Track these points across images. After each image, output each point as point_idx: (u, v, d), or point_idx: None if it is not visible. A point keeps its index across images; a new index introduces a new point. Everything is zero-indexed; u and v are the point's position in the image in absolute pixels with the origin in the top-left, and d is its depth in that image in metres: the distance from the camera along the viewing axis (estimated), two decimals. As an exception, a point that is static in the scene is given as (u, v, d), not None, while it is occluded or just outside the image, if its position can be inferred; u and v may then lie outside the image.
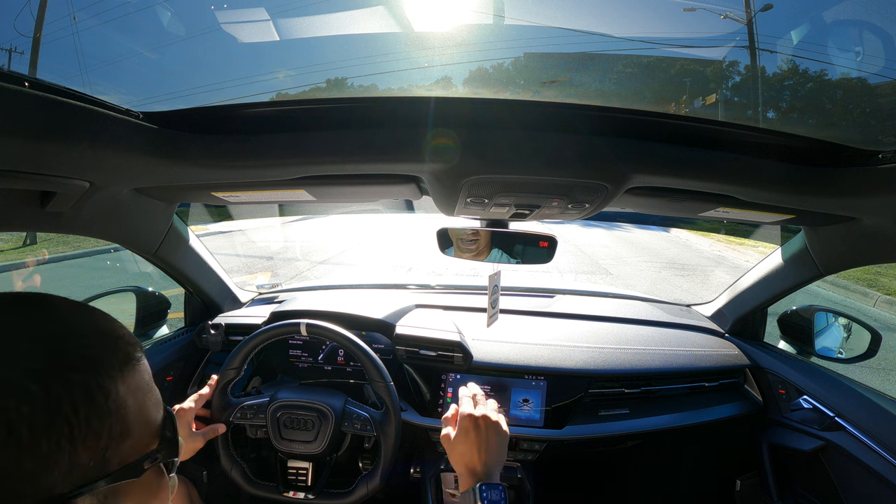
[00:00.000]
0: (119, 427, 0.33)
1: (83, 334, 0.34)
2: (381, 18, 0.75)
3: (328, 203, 1.03)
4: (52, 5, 0.76)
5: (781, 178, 0.69)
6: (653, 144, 0.65)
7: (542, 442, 1.15)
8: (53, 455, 0.29)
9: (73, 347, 0.33)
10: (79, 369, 0.32)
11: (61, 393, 0.30)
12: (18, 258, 6.91)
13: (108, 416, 0.33)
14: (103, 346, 0.34)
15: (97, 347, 0.34)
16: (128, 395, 0.34)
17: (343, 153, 0.65)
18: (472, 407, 0.77)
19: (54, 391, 0.30)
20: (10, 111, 0.43)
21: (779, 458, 1.26)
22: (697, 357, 1.27)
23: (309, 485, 1.00)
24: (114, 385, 0.33)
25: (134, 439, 0.35)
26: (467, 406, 0.77)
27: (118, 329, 0.37)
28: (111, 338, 0.36)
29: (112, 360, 0.34)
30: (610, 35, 0.87)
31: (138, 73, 0.81)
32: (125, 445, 0.34)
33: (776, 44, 0.94)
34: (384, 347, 1.26)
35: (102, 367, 0.33)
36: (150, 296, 1.35)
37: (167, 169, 0.67)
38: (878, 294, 5.73)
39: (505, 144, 0.64)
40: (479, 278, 1.80)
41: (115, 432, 0.33)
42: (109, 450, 0.33)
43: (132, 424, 0.35)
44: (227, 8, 0.70)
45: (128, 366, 0.35)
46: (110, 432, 0.33)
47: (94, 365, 0.33)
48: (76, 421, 0.30)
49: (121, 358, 0.35)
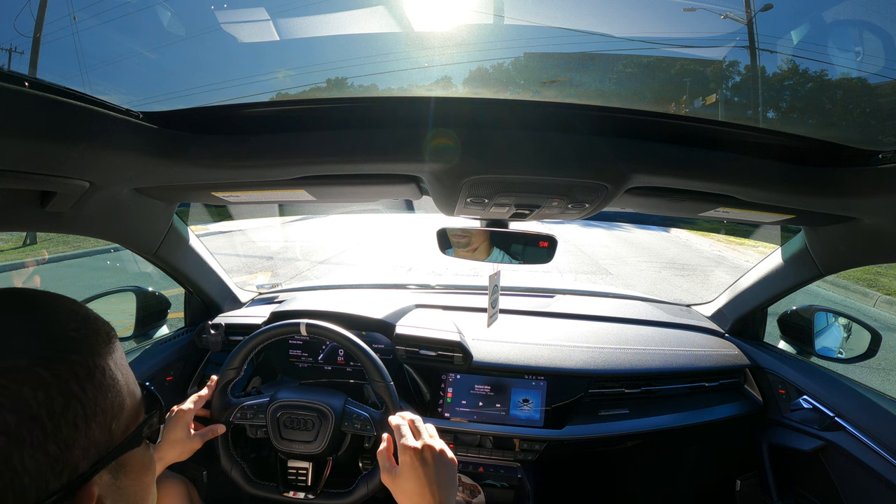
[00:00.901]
0: (118, 401, 0.35)
1: (68, 319, 0.35)
2: (381, 18, 0.75)
3: (328, 203, 1.03)
4: (52, 5, 0.76)
5: (781, 178, 0.69)
6: (653, 144, 0.65)
7: (542, 442, 1.15)
8: (73, 435, 0.31)
9: (65, 332, 0.34)
10: (76, 350, 0.33)
11: (68, 375, 0.31)
12: (18, 258, 6.91)
13: (109, 391, 0.34)
14: (88, 328, 0.36)
15: (84, 329, 0.35)
16: (116, 370, 0.36)
17: (343, 153, 0.65)
18: (411, 437, 0.69)
19: (62, 374, 0.31)
20: (10, 111, 0.43)
21: (779, 458, 1.26)
22: (697, 357, 1.27)
23: (309, 485, 1.00)
24: (105, 362, 0.35)
25: (128, 411, 0.37)
26: (407, 438, 0.69)
27: (91, 312, 0.39)
28: (90, 320, 0.37)
29: (98, 339, 0.36)
30: (610, 35, 0.87)
31: (138, 73, 0.81)
32: (123, 417, 0.36)
33: (776, 44, 0.94)
34: (384, 347, 1.26)
35: (92, 346, 0.35)
36: (150, 296, 1.35)
37: (167, 169, 0.67)
38: (878, 294, 5.73)
39: (505, 144, 0.64)
40: (479, 278, 1.80)
41: (116, 406, 0.35)
42: (114, 423, 0.35)
43: (125, 397, 0.36)
44: (227, 8, 0.70)
45: (110, 344, 0.37)
46: (112, 406, 0.34)
47: (86, 346, 0.34)
48: (86, 399, 0.32)
49: (103, 337, 0.36)
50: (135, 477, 0.37)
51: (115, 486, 0.34)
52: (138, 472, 0.37)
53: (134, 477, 0.37)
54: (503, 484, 1.20)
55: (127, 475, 0.36)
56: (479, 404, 1.17)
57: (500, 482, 1.19)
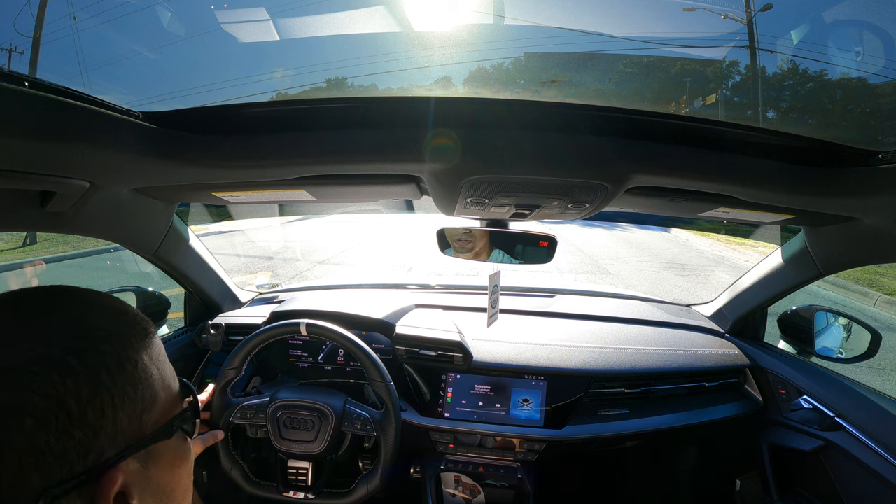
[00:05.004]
0: (150, 394, 0.37)
1: (104, 313, 0.37)
2: (381, 18, 0.74)
3: (328, 203, 1.03)
4: (52, 5, 0.75)
5: (781, 178, 0.69)
6: (653, 144, 0.65)
7: (542, 442, 1.15)
8: (99, 422, 0.32)
9: (99, 325, 0.36)
10: (108, 341, 0.35)
11: (98, 365, 0.33)
12: (18, 258, 6.91)
13: (140, 384, 0.36)
14: (123, 323, 0.37)
15: (118, 323, 0.37)
16: (151, 364, 0.38)
17: (343, 153, 0.65)
18: None
19: (92, 364, 0.33)
20: (10, 111, 0.43)
21: (779, 458, 1.26)
22: (697, 357, 1.27)
23: (309, 485, 1.00)
24: (139, 355, 0.37)
25: (161, 404, 0.38)
26: None
27: (131, 308, 0.40)
28: (128, 315, 0.39)
29: (133, 333, 0.37)
30: (610, 35, 0.87)
31: (138, 73, 0.81)
32: (156, 410, 0.37)
33: (776, 44, 0.94)
34: (384, 347, 1.26)
35: (126, 340, 0.36)
36: (150, 296, 1.35)
37: (167, 169, 0.67)
38: (878, 294, 5.72)
39: (505, 144, 0.64)
40: (479, 278, 1.80)
41: (147, 398, 0.36)
42: (145, 414, 0.36)
43: (158, 391, 0.38)
44: (227, 8, 0.70)
45: (146, 339, 0.38)
46: (143, 398, 0.36)
47: (119, 338, 0.36)
48: (115, 389, 0.33)
49: (139, 332, 0.38)
50: (166, 468, 0.38)
51: (144, 475, 0.36)
52: (170, 463, 0.39)
53: (165, 467, 0.38)
54: (503, 484, 1.20)
55: (157, 465, 0.37)
56: (479, 404, 1.17)
57: (500, 482, 1.19)
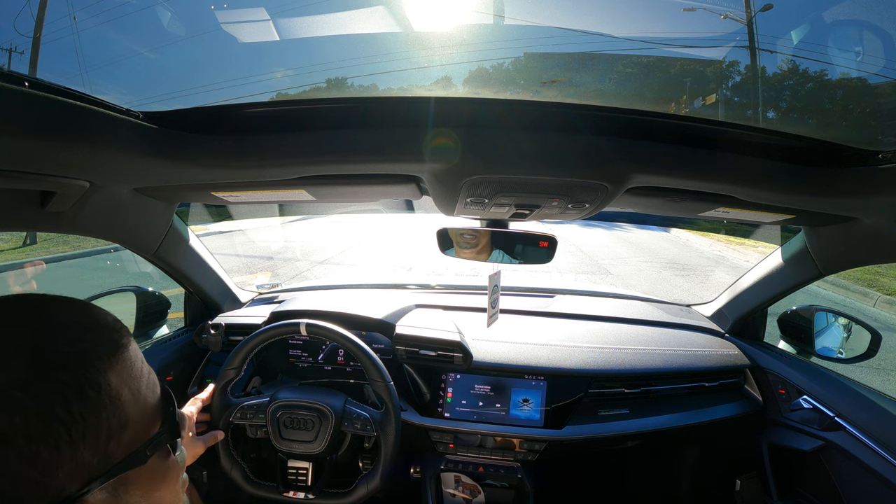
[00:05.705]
0: (117, 418, 0.33)
1: (66, 331, 0.33)
2: (381, 18, 0.74)
3: (328, 203, 1.03)
4: (52, 5, 0.75)
5: (781, 178, 0.69)
6: (653, 144, 0.65)
7: (542, 442, 1.15)
8: (55, 460, 0.29)
9: (58, 346, 0.32)
10: (65, 368, 0.31)
11: (51, 396, 0.29)
12: (18, 258, 6.90)
13: (104, 410, 0.32)
14: (88, 339, 0.33)
15: (82, 341, 0.33)
16: (121, 384, 0.34)
17: (343, 153, 0.65)
18: None
19: (43, 396, 0.29)
20: (10, 111, 0.43)
21: (779, 458, 1.26)
22: (697, 357, 1.27)
23: (309, 485, 1.00)
24: (104, 378, 0.32)
25: (134, 427, 0.34)
26: None
27: (101, 317, 0.36)
28: (95, 328, 0.35)
29: (99, 351, 0.33)
30: (610, 35, 0.87)
31: (138, 73, 0.81)
32: (127, 435, 0.34)
33: (776, 44, 0.94)
34: (384, 347, 1.26)
35: (90, 360, 0.32)
36: (150, 296, 1.35)
37: (167, 169, 0.67)
38: (878, 294, 5.72)
39: (505, 144, 0.64)
40: (479, 278, 1.80)
41: (115, 424, 0.33)
42: (112, 442, 0.32)
43: (130, 413, 0.34)
44: (226, 8, 0.70)
45: (116, 354, 0.34)
46: (109, 426, 0.32)
47: (81, 360, 0.32)
48: (72, 422, 0.30)
49: (108, 347, 0.34)
50: (141, 493, 0.35)
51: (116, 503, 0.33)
52: (146, 487, 0.36)
53: (140, 493, 0.35)
54: (503, 484, 1.20)
55: (129, 492, 0.34)
56: (479, 404, 1.17)
57: (500, 482, 1.19)
